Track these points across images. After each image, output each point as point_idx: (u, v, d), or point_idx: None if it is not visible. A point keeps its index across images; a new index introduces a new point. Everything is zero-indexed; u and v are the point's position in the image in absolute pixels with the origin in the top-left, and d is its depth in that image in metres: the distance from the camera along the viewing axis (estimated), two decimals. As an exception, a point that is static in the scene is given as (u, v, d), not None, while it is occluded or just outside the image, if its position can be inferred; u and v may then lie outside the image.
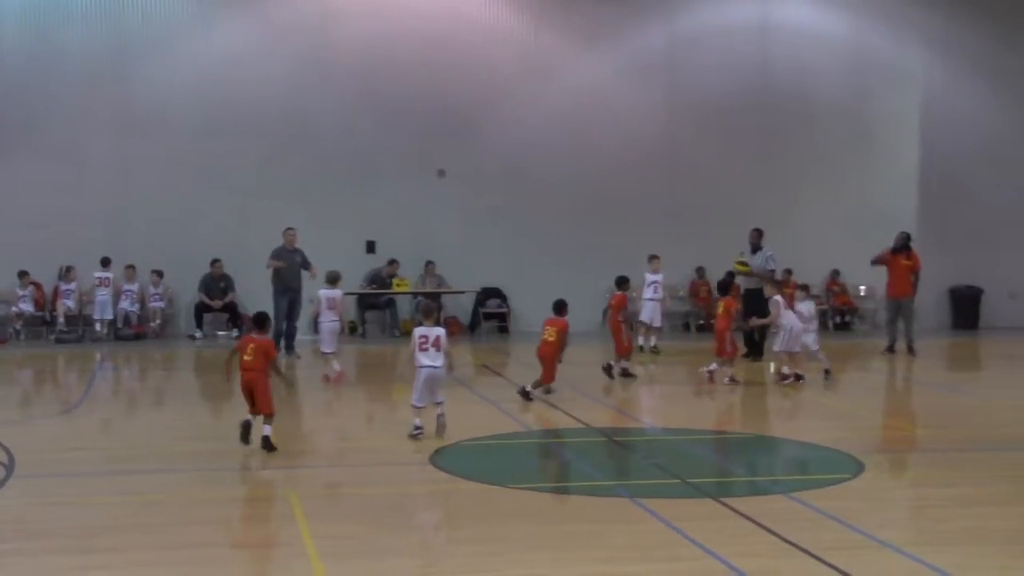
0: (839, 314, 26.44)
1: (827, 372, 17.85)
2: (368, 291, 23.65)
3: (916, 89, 27.02)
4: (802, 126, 26.39)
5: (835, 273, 26.42)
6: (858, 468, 12.39)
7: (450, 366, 14.04)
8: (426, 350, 13.49)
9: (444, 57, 24.87)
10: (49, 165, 23.61)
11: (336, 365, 18.10)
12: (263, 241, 22.96)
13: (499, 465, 13.14)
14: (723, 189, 25.69)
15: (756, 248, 21.56)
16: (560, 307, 16.35)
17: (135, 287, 23.47)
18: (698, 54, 26.09)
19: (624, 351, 18.56)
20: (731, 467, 13.67)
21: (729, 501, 10.89)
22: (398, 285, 24.15)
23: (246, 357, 13.48)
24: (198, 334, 23.77)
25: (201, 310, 23.94)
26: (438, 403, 13.62)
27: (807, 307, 18.38)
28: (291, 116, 24.39)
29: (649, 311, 21.68)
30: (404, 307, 24.67)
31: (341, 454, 14.13)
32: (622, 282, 18.55)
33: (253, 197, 24.12)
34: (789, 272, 24.47)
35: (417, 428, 13.25)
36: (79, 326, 23.30)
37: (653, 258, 21.95)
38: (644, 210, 25.59)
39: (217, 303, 23.85)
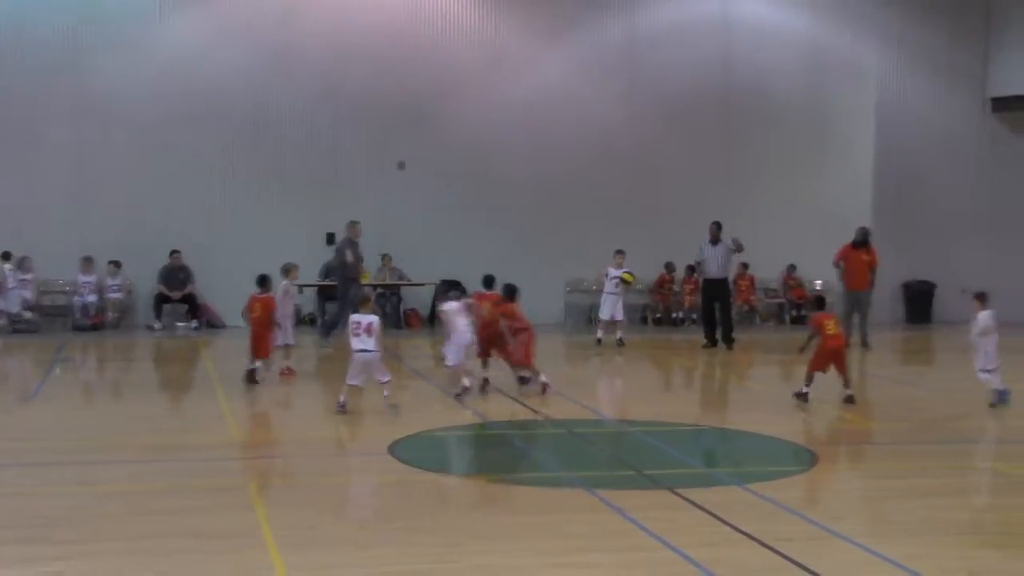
0: (795, 307, 26.43)
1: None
2: (325, 283, 23.41)
3: (872, 87, 27.06)
4: (761, 122, 26.32)
5: (791, 268, 26.48)
6: (811, 460, 12.53)
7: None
8: (359, 335, 14.69)
9: (405, 51, 24.71)
10: (4, 153, 23.50)
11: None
12: (222, 232, 23.74)
13: (458, 456, 13.30)
14: (683, 183, 25.67)
15: (716, 240, 21.70)
16: (510, 292, 16.48)
17: (92, 279, 23.31)
18: (658, 49, 25.96)
19: (517, 360, 17.47)
20: (686, 458, 13.57)
21: (684, 492, 10.92)
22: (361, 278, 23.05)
23: (254, 314, 16.23)
24: (157, 325, 23.62)
25: (160, 301, 23.74)
26: (383, 383, 14.67)
27: None
28: (252, 109, 24.30)
29: (611, 306, 21.79)
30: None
31: (301, 444, 14.00)
32: (511, 292, 16.92)
33: (213, 189, 24.07)
34: (745, 266, 25.20)
35: (340, 404, 14.53)
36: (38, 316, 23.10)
37: (618, 252, 22.00)
38: (605, 204, 25.59)
39: (176, 294, 23.74)
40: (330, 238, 23.98)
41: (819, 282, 26.03)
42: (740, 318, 24.96)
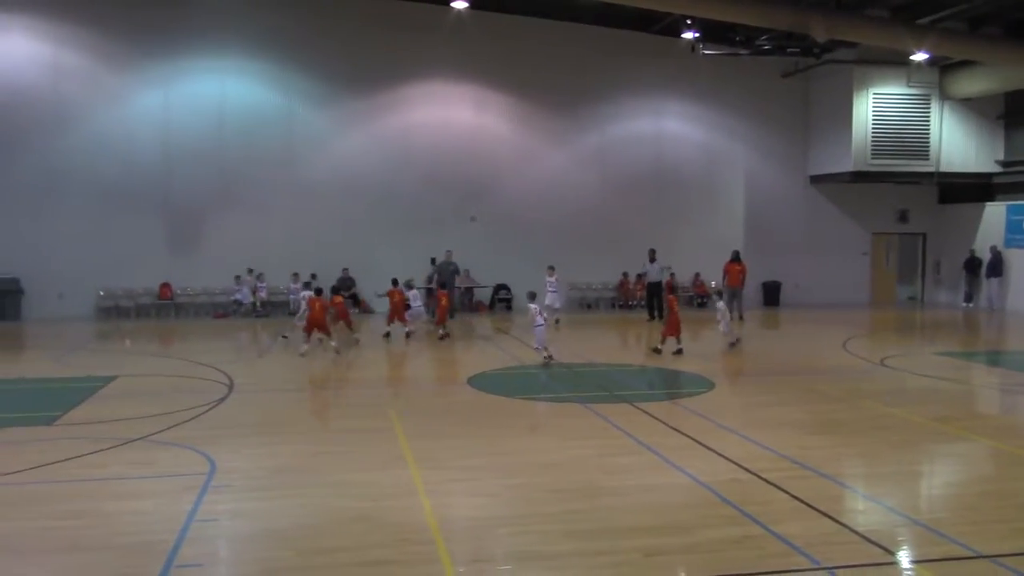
0: (700, 298, 26.58)
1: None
2: (431, 286, 23.29)
3: (741, 169, 27.59)
4: (678, 189, 26.91)
5: (697, 274, 26.98)
6: (711, 386, 13.04)
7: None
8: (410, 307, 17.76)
9: (473, 149, 25.56)
10: (247, 216, 24.50)
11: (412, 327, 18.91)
12: (369, 256, 24.47)
13: (505, 385, 13.36)
14: (633, 226, 26.12)
15: (653, 259, 22.63)
16: (532, 296, 16.07)
17: (298, 285, 23.25)
18: (618, 149, 26.58)
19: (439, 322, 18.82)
20: (638, 385, 13.82)
21: (637, 404, 11.43)
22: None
23: (315, 308, 16.40)
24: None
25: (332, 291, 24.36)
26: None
27: None
28: (384, 184, 25.03)
29: (551, 299, 21.18)
30: (454, 296, 24.32)
31: (416, 378, 14.76)
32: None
33: (364, 230, 24.94)
34: (672, 275, 25.18)
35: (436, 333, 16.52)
36: (268, 309, 24.03)
37: (550, 268, 21.85)
38: (587, 237, 26.06)
39: (346, 293, 23.80)
40: (432, 260, 24.48)
41: (713, 282, 25.68)
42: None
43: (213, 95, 24.58)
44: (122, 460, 9.08)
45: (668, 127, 27.27)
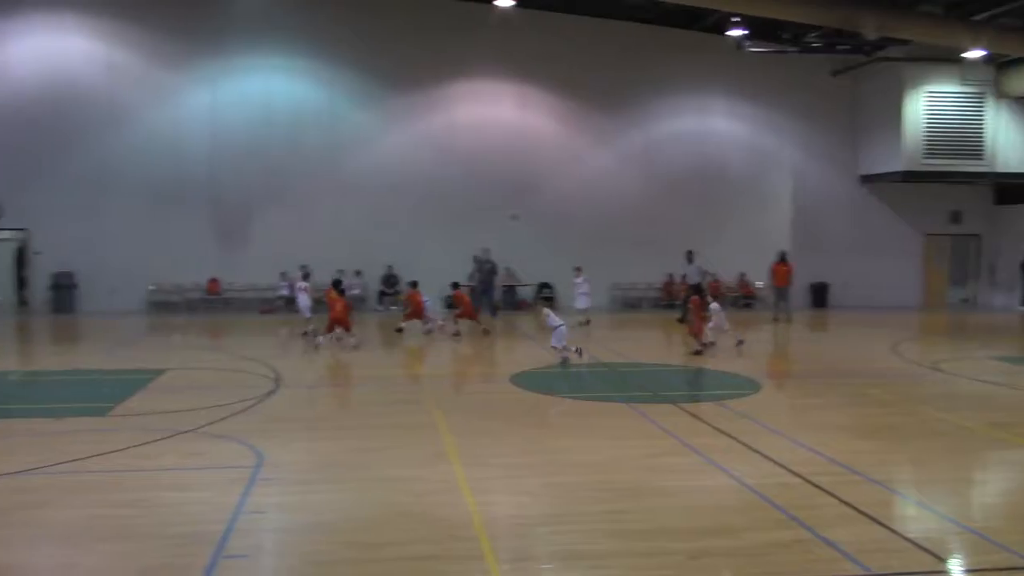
0: (745, 298, 26.66)
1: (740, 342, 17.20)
2: (471, 284, 23.56)
3: (788, 168, 27.38)
4: (723, 189, 26.82)
5: (743, 274, 26.93)
6: (757, 387, 12.86)
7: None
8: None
9: (516, 147, 25.80)
10: (292, 213, 24.99)
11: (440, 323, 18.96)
12: (412, 253, 24.81)
13: (550, 383, 13.35)
14: (677, 225, 25.93)
15: (690, 260, 22.25)
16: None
17: (348, 281, 23.59)
18: (662, 148, 26.61)
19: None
20: (682, 386, 13.86)
21: (682, 405, 11.39)
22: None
23: (338, 306, 16.38)
24: (379, 307, 25.16)
25: (381, 294, 25.38)
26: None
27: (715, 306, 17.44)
28: (427, 182, 25.32)
29: (580, 300, 21.30)
30: (496, 293, 24.85)
31: (460, 374, 14.85)
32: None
33: (407, 228, 25.26)
34: (712, 276, 24.92)
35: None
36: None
37: (577, 269, 21.82)
38: (629, 236, 25.99)
39: (390, 290, 25.28)
40: (475, 258, 24.42)
41: (759, 283, 26.13)
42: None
43: (260, 93, 24.96)
44: (172, 451, 9.25)
45: (713, 125, 27.13)
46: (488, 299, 23.20)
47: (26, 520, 7.18)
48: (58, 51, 24.36)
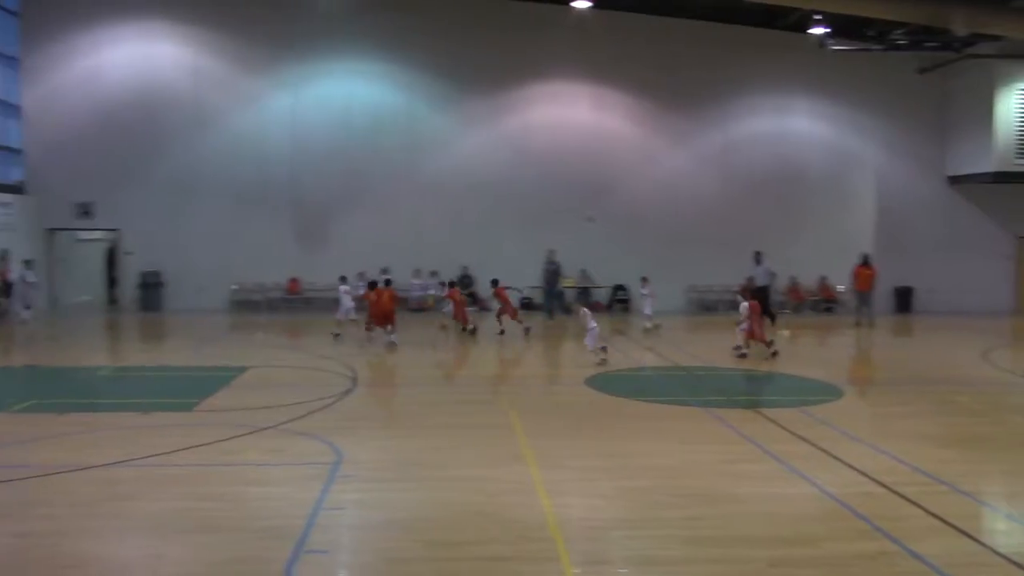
0: (826, 302, 26.12)
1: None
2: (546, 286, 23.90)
3: (871, 169, 26.79)
4: (803, 191, 26.40)
5: (823, 277, 26.31)
6: (839, 394, 12.69)
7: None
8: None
9: (592, 149, 25.69)
10: (371, 214, 25.35)
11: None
12: (485, 254, 24.86)
13: (625, 386, 13.29)
14: (755, 227, 25.43)
15: (758, 262, 21.87)
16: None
17: (419, 281, 25.02)
18: (740, 148, 26.31)
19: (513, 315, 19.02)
20: (761, 390, 13.75)
21: (760, 410, 11.25)
22: (566, 282, 25.24)
23: (384, 300, 16.71)
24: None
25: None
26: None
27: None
28: (502, 183, 25.43)
29: (650, 307, 20.83)
30: (569, 295, 25.28)
31: (534, 376, 14.88)
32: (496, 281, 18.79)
33: (480, 229, 25.40)
34: (794, 279, 25.58)
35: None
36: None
37: (643, 279, 21.33)
38: (705, 238, 25.69)
39: (465, 291, 24.59)
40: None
41: (841, 287, 25.74)
42: (792, 308, 25.51)
43: (340, 97, 25.50)
44: (255, 447, 9.49)
45: (794, 126, 26.78)
46: (551, 300, 23.33)
47: (115, 511, 7.46)
48: (148, 58, 25.33)
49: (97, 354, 17.77)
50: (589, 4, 22.82)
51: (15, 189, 24.85)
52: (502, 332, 18.84)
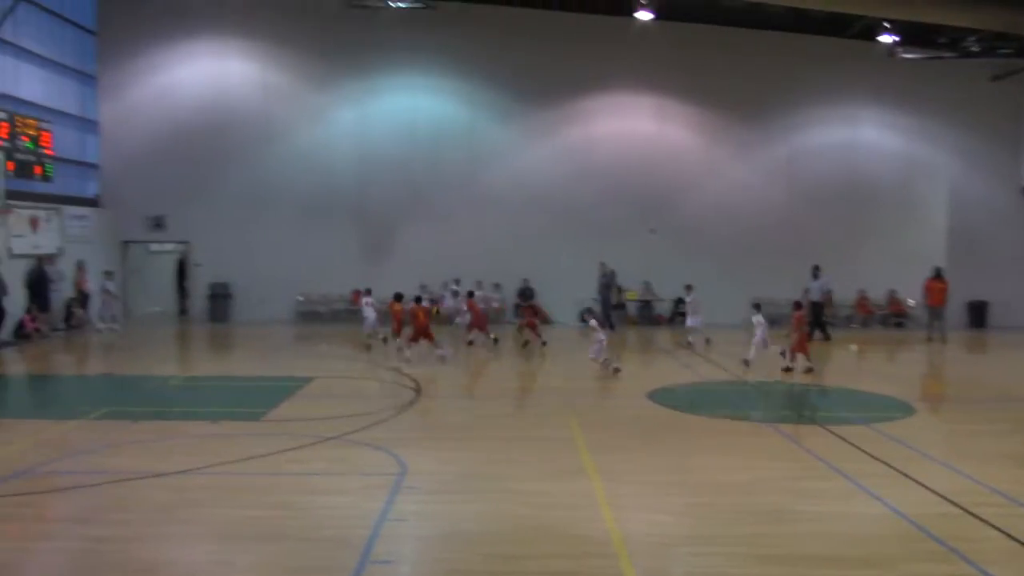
0: (895, 317, 25.71)
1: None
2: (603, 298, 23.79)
3: (944, 179, 26.21)
4: (873, 202, 25.85)
5: (893, 291, 25.89)
6: (910, 410, 12.47)
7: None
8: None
9: (655, 160, 25.51)
10: (433, 226, 25.44)
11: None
12: (547, 266, 24.83)
13: (687, 400, 13.23)
14: (822, 240, 24.96)
15: (816, 276, 21.54)
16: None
17: (481, 293, 24.18)
18: (808, 159, 25.92)
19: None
20: (828, 406, 13.53)
21: (829, 427, 11.03)
22: (628, 295, 25.38)
23: (420, 316, 16.59)
24: (515, 320, 23.87)
25: (517, 307, 25.11)
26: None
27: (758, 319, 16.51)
28: (565, 198, 25.36)
29: (692, 321, 19.94)
30: (631, 308, 25.54)
31: (596, 389, 14.57)
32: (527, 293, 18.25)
33: (545, 242, 25.24)
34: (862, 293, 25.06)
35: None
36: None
37: (688, 287, 20.74)
38: (772, 252, 25.25)
39: (525, 303, 24.45)
40: (612, 272, 24.50)
41: (911, 301, 25.34)
42: (860, 323, 25.19)
43: (404, 111, 25.84)
44: (321, 457, 9.67)
45: (862, 136, 26.33)
46: (607, 312, 23.27)
47: (186, 518, 7.68)
48: (219, 74, 26.06)
49: (168, 364, 18.22)
50: (652, 16, 22.72)
51: (92, 203, 25.75)
52: (526, 345, 18.49)
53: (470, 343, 19.04)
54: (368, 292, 20.39)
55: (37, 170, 21.32)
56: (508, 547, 6.92)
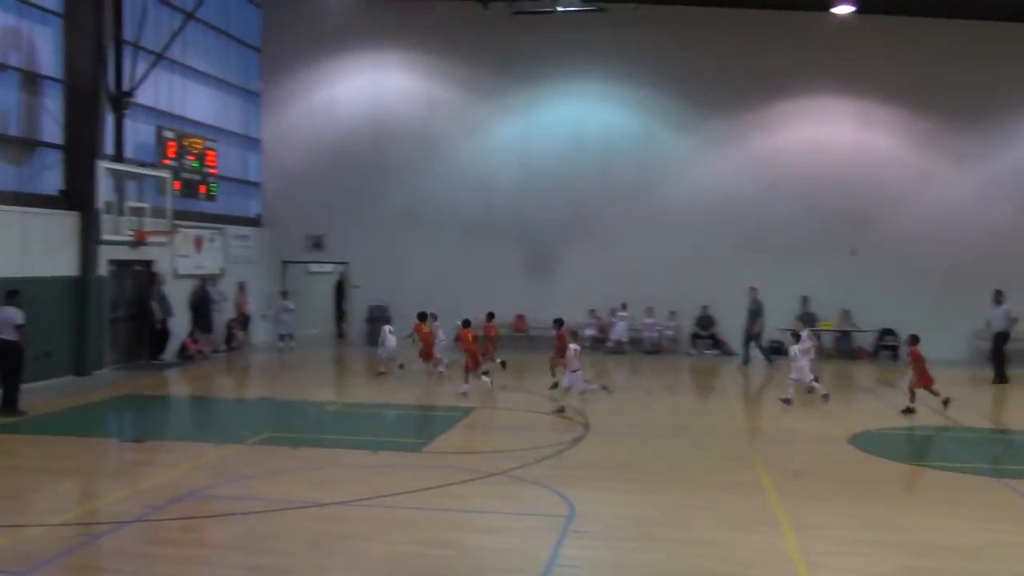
0: None
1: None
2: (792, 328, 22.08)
3: None
4: None
5: None
6: None
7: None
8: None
9: (855, 172, 24.69)
10: (601, 246, 25.73)
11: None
12: (731, 294, 23.65)
13: (898, 447, 12.88)
14: None
15: (998, 302, 20.15)
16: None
17: (653, 321, 25.27)
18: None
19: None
20: None
21: None
22: (824, 325, 24.08)
23: (468, 340, 16.53)
24: (693, 351, 25.17)
25: (695, 336, 25.44)
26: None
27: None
28: (753, 216, 25.02)
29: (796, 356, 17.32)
30: (827, 339, 24.20)
31: (788, 431, 14.05)
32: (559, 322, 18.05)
33: (726, 264, 24.74)
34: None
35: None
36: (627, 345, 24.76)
37: (800, 320, 20.60)
38: (1001, 276, 22.11)
39: (704, 332, 25.18)
40: (804, 299, 24.08)
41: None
42: None
43: (572, 121, 26.13)
44: (484, 493, 9.83)
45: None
46: (748, 344, 22.43)
47: (344, 551, 7.93)
48: (379, 88, 27.22)
49: (326, 388, 19.11)
50: (852, 9, 21.95)
51: (253, 222, 27.41)
52: (554, 386, 16.84)
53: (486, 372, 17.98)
54: (388, 319, 20.96)
55: (202, 189, 23.01)
56: (690, 604, 6.76)
